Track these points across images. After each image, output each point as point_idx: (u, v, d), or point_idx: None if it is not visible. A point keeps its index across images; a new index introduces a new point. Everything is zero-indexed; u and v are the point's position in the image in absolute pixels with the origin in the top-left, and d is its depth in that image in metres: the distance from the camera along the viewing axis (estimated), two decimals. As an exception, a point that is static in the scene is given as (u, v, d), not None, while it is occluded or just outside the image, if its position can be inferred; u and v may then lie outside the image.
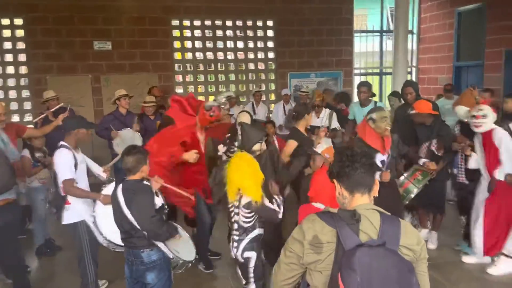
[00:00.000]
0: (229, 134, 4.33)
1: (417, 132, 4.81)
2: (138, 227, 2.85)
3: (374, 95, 6.41)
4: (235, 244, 3.00)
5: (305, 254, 1.66)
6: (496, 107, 5.27)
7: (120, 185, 2.96)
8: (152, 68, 9.20)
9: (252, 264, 2.89)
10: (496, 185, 4.11)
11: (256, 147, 3.44)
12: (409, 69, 10.36)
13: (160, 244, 2.94)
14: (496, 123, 4.24)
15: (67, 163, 3.55)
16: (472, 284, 4.11)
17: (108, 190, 3.54)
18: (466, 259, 4.52)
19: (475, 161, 4.36)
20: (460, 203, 4.77)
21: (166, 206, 3.10)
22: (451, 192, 5.57)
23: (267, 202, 2.92)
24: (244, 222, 2.91)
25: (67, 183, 3.53)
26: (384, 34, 11.08)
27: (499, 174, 4.08)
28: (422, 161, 4.65)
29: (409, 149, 4.52)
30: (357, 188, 1.71)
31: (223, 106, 4.51)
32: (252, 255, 2.89)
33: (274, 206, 2.96)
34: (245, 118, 4.50)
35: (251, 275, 2.92)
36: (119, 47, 8.90)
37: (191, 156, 4.04)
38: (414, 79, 10.69)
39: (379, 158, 4.07)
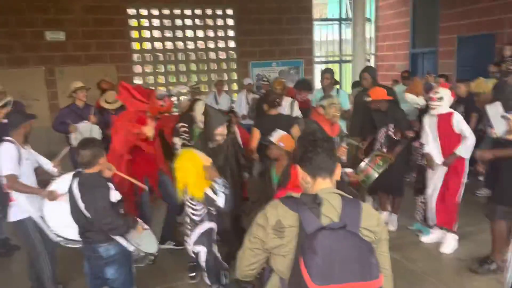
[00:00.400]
0: (184, 124, 4.30)
1: (374, 118, 4.92)
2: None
3: (337, 82, 6.49)
4: (187, 237, 2.98)
5: (269, 239, 1.67)
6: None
7: (76, 179, 2.87)
8: (110, 59, 8.93)
9: (203, 258, 2.83)
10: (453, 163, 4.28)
11: (220, 130, 3.42)
12: (368, 57, 10.56)
13: (119, 238, 2.87)
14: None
15: (10, 157, 3.38)
16: (430, 262, 4.27)
17: (55, 185, 3.41)
18: (424, 238, 4.69)
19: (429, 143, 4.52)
20: (416, 185, 4.93)
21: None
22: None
23: (211, 194, 2.97)
24: (193, 215, 2.87)
25: (9, 178, 3.35)
26: (343, 22, 11.24)
27: (459, 151, 4.23)
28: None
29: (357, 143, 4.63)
30: (319, 172, 1.73)
31: (174, 98, 4.45)
32: (202, 249, 2.83)
33: (214, 196, 2.98)
34: (200, 107, 4.49)
35: (204, 269, 2.86)
36: (73, 37, 8.57)
37: (150, 130, 4.02)
38: (373, 66, 10.93)
39: None
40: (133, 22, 9.21)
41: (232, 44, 10.04)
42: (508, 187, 3.71)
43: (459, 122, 4.23)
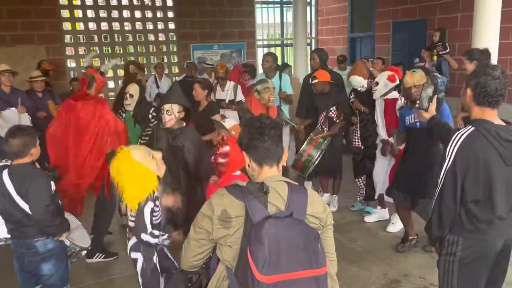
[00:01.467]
0: None
1: (316, 101, 4.99)
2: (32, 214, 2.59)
3: (279, 66, 6.49)
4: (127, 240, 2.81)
5: (215, 230, 1.64)
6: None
7: (6, 170, 2.64)
8: (38, 39, 8.31)
9: (139, 266, 2.65)
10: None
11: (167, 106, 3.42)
12: (308, 41, 10.70)
13: None
14: None
15: None
16: (370, 241, 4.46)
17: None
18: (368, 218, 4.88)
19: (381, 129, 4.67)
20: (355, 167, 5.10)
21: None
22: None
23: (147, 216, 2.55)
24: (130, 221, 2.70)
25: None
26: (284, 5, 11.26)
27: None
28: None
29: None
30: (265, 160, 1.71)
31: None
32: (138, 256, 2.66)
33: (148, 225, 2.56)
34: (134, 89, 4.32)
35: (139, 277, 2.69)
36: (-4, 16, 7.86)
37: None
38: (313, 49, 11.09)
39: None
40: (64, 1, 8.61)
41: (171, 26, 9.72)
42: (403, 174, 3.93)
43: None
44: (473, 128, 2.08)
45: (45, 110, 5.69)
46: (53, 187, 2.74)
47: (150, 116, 4.40)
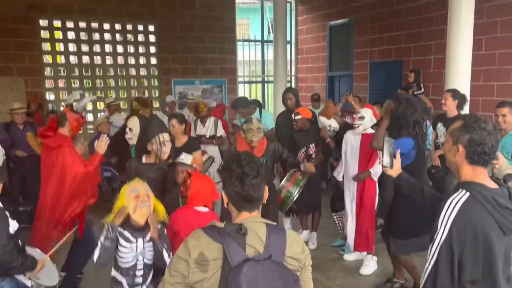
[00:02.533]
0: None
1: (295, 138, 5.04)
2: None
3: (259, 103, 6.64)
4: None
5: (191, 273, 1.57)
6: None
7: None
8: (17, 71, 8.23)
9: None
10: (365, 183, 4.48)
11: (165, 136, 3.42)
12: (288, 78, 10.91)
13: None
14: None
15: None
16: (348, 279, 4.40)
17: None
18: (347, 256, 4.83)
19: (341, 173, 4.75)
20: (332, 202, 5.12)
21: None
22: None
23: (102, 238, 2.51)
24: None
25: None
26: (265, 43, 11.53)
27: (373, 169, 4.43)
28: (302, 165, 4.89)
29: (288, 153, 4.68)
30: (245, 208, 1.67)
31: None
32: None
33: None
34: (133, 123, 4.24)
35: None
36: (-26, 47, 7.79)
37: (101, 146, 3.70)
38: (293, 87, 11.29)
39: None
40: (45, 34, 8.62)
41: (153, 60, 9.80)
42: (402, 220, 3.69)
43: None
44: (467, 194, 1.80)
45: (25, 142, 5.59)
46: (13, 227, 2.62)
47: None
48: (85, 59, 9.08)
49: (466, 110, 5.11)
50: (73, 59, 9.01)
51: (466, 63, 5.43)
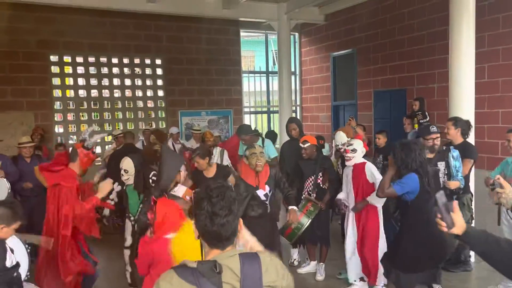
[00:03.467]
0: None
1: (302, 167, 5.04)
2: None
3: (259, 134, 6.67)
4: None
5: None
6: (368, 142, 5.83)
7: None
8: (27, 106, 8.41)
9: None
10: (364, 213, 4.45)
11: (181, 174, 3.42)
12: (294, 108, 11.03)
13: None
14: (366, 156, 4.63)
15: None
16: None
17: None
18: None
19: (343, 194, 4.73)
20: (343, 227, 5.07)
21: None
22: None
23: None
24: None
25: None
26: (270, 74, 11.71)
27: (371, 197, 4.39)
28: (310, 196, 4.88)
29: (285, 184, 4.66)
30: (216, 246, 1.62)
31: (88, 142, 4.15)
32: None
33: None
34: (127, 164, 4.27)
35: None
36: (-14, 83, 8.00)
37: (104, 189, 3.72)
38: (298, 116, 11.39)
39: (261, 193, 4.35)
40: (56, 69, 8.85)
41: (160, 93, 9.97)
42: (409, 254, 3.62)
43: (372, 172, 4.45)
44: None
45: (32, 175, 5.63)
46: (11, 260, 2.63)
47: (150, 180, 4.32)
48: (94, 92, 9.26)
49: (472, 136, 5.13)
50: (82, 92, 9.20)
51: (470, 90, 5.48)
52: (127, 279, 4.49)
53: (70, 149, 4.14)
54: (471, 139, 5.11)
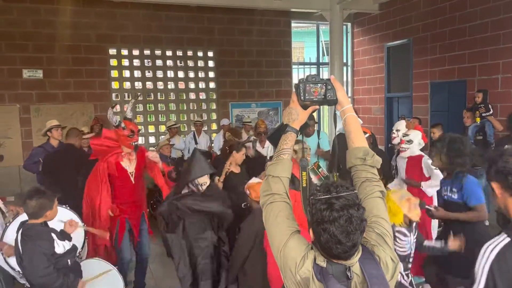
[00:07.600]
0: None
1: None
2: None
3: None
4: None
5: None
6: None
7: (20, 230, 2.74)
8: (88, 97, 8.84)
9: None
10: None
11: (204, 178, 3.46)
12: (345, 100, 10.79)
13: None
14: (423, 150, 4.45)
15: None
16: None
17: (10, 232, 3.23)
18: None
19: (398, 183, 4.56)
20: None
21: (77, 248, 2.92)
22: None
23: None
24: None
25: None
26: (321, 66, 11.55)
27: (425, 184, 4.22)
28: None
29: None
30: (339, 256, 1.45)
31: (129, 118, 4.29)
32: None
33: None
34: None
35: None
36: (51, 75, 8.49)
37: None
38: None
39: None
40: (113, 62, 9.21)
41: (212, 85, 10.13)
42: (463, 255, 3.29)
43: (428, 165, 4.27)
44: (508, 238, 1.60)
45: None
46: (67, 245, 2.78)
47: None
48: (149, 84, 9.57)
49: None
50: (137, 84, 9.53)
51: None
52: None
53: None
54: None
